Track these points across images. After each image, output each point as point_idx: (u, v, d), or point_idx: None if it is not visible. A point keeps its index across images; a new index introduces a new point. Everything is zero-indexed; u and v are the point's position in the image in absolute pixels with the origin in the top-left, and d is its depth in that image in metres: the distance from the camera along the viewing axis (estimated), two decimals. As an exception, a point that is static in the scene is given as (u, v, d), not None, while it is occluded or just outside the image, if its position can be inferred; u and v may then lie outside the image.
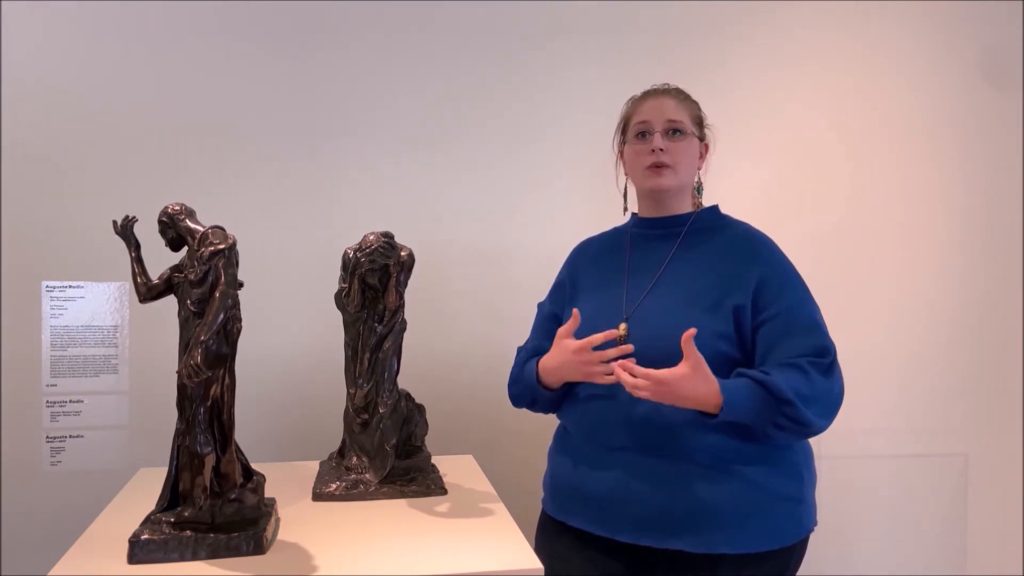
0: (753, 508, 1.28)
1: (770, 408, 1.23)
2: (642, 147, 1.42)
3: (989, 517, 2.36)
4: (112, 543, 1.20)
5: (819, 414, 1.25)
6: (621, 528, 1.32)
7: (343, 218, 1.98)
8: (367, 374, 1.51)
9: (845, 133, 2.26)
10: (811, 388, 1.24)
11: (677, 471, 1.29)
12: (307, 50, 1.98)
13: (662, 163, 1.40)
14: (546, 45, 2.10)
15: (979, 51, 2.31)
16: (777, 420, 1.23)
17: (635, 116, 1.45)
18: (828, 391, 1.27)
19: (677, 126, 1.40)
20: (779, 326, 1.30)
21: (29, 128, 1.84)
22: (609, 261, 1.50)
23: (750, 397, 1.23)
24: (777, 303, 1.31)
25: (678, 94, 1.45)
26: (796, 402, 1.21)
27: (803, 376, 1.24)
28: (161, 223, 1.24)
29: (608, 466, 1.34)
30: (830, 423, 1.29)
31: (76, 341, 1.83)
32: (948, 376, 2.33)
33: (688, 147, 1.42)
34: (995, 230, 2.34)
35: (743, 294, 1.32)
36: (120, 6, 1.88)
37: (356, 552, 1.20)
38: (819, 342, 1.29)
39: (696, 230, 1.44)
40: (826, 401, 1.27)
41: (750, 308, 1.31)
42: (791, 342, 1.29)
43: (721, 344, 1.31)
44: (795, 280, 1.36)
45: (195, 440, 1.18)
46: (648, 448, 1.31)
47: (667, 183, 1.41)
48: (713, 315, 1.32)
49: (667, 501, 1.29)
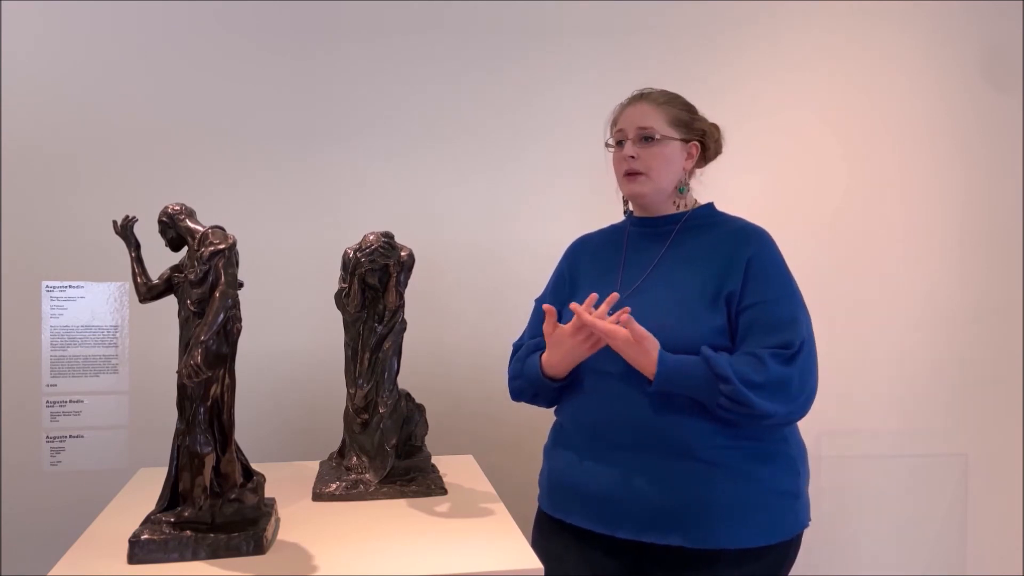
0: (752, 503, 1.29)
1: (708, 383, 1.25)
2: (619, 154, 1.45)
3: (989, 517, 2.36)
4: (112, 543, 1.20)
5: (768, 398, 1.24)
6: (621, 525, 1.33)
7: (343, 218, 1.98)
8: (367, 374, 1.51)
9: (845, 133, 2.26)
10: (763, 375, 1.24)
11: (676, 468, 1.30)
12: (308, 50, 1.98)
13: (635, 170, 1.41)
14: (547, 46, 2.10)
15: (979, 51, 2.31)
16: (718, 398, 1.25)
17: (614, 124, 1.47)
18: (783, 378, 1.25)
19: (647, 132, 1.41)
20: (754, 317, 1.30)
21: (29, 128, 1.84)
22: (606, 258, 1.51)
23: (690, 371, 1.26)
24: (759, 292, 1.32)
25: (658, 97, 1.45)
26: (733, 379, 1.22)
27: (755, 362, 1.25)
28: (161, 223, 1.24)
29: (607, 463, 1.35)
30: (792, 411, 1.29)
31: (76, 341, 1.83)
32: (948, 376, 2.33)
33: (662, 152, 1.41)
34: (995, 230, 2.35)
35: (734, 280, 1.33)
36: (120, 6, 1.88)
37: (356, 552, 1.20)
38: (788, 337, 1.28)
39: (689, 228, 1.44)
40: (780, 388, 1.25)
41: (738, 293, 1.32)
42: (761, 336, 1.29)
43: (719, 339, 1.31)
44: (781, 273, 1.36)
45: (195, 440, 1.18)
46: (647, 445, 1.32)
47: (640, 189, 1.42)
48: (711, 310, 1.32)
49: (667, 497, 1.29)
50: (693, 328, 1.31)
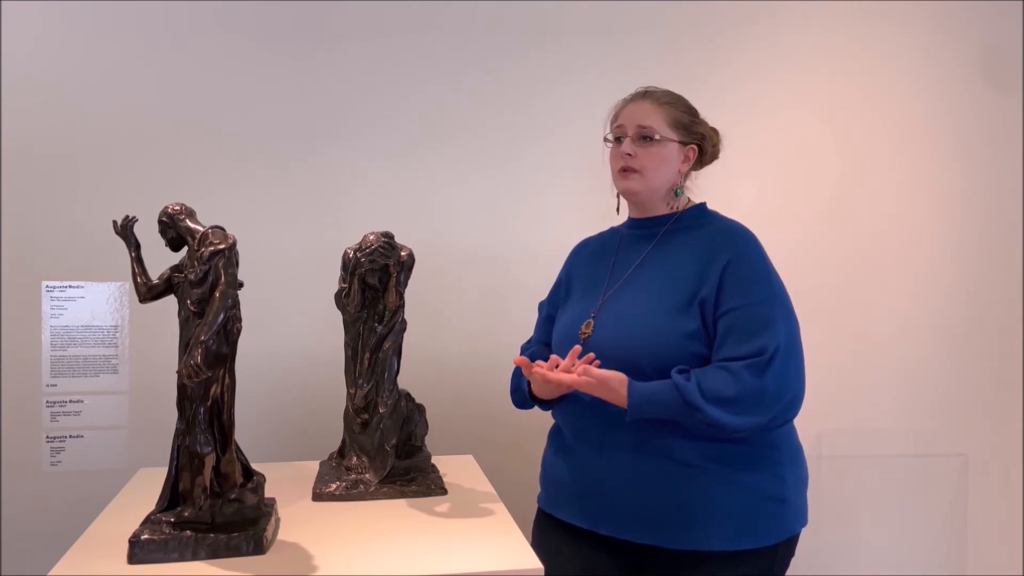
0: (734, 507, 1.30)
1: (681, 411, 1.25)
2: (616, 151, 1.45)
3: (989, 517, 2.36)
4: (112, 543, 1.19)
5: (742, 412, 1.24)
6: (603, 521, 1.35)
7: (343, 218, 1.98)
8: (367, 374, 1.51)
9: (845, 133, 2.26)
10: (734, 388, 1.24)
11: (660, 469, 1.31)
12: (308, 50, 1.98)
13: (630, 167, 1.41)
14: (547, 46, 2.10)
15: (979, 51, 2.31)
16: (691, 423, 1.26)
17: (615, 120, 1.47)
18: (756, 389, 1.25)
19: (646, 132, 1.41)
20: (731, 323, 1.29)
21: (29, 128, 1.84)
22: (599, 261, 1.52)
23: (661, 400, 1.26)
24: (736, 298, 1.30)
25: (661, 97, 1.44)
26: (703, 406, 1.23)
27: (727, 376, 1.25)
28: (161, 223, 1.23)
29: (594, 462, 1.37)
30: (774, 418, 1.28)
31: (76, 341, 1.83)
32: (948, 376, 2.33)
33: (659, 152, 1.41)
34: (995, 230, 2.34)
35: (709, 286, 1.31)
36: (120, 6, 1.88)
37: (356, 552, 1.20)
38: (763, 342, 1.26)
39: (677, 229, 1.44)
40: (755, 400, 1.25)
41: (713, 300, 1.31)
42: (736, 343, 1.28)
43: (692, 344, 1.31)
44: (759, 276, 1.33)
45: (195, 440, 1.18)
46: (632, 446, 1.33)
47: (634, 187, 1.42)
48: (682, 315, 1.32)
49: (649, 498, 1.31)
50: (662, 334, 1.32)
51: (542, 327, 1.60)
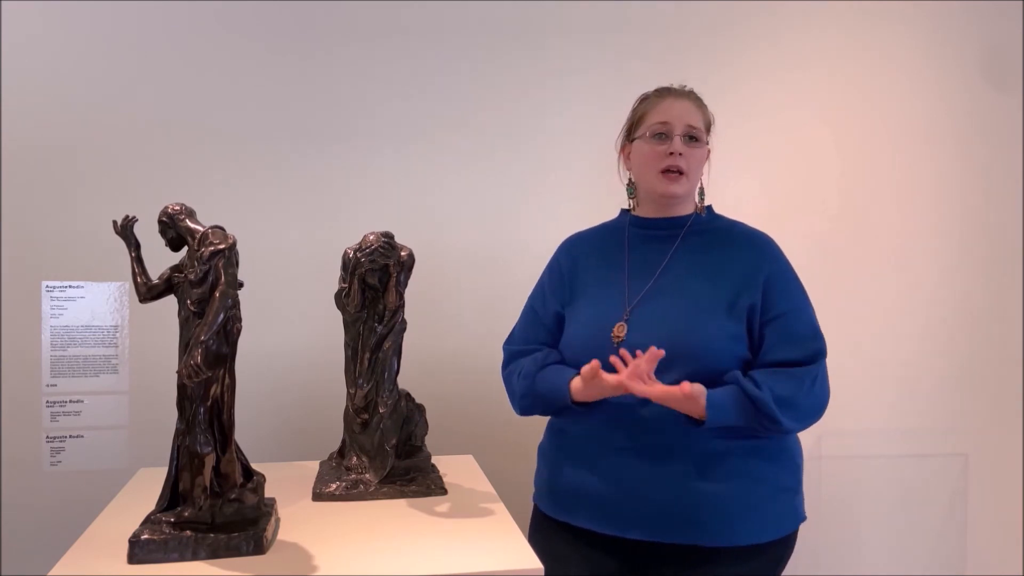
0: (755, 500, 1.31)
1: (755, 419, 1.28)
2: (659, 149, 1.39)
3: (989, 517, 2.36)
4: (112, 543, 1.19)
5: (795, 419, 1.30)
6: (630, 526, 1.33)
7: (343, 218, 1.98)
8: (367, 374, 1.51)
9: (845, 133, 2.26)
10: (799, 398, 1.29)
11: (679, 468, 1.30)
12: (307, 50, 1.98)
13: (678, 168, 1.38)
14: (546, 45, 2.10)
15: (979, 51, 2.31)
16: (757, 428, 1.29)
17: (653, 115, 1.41)
18: (813, 403, 1.32)
19: (695, 133, 1.40)
20: (782, 328, 1.33)
21: (29, 128, 1.84)
22: (608, 260, 1.48)
23: (737, 412, 1.27)
24: (781, 303, 1.34)
25: (696, 99, 1.45)
26: (781, 419, 1.26)
27: (795, 385, 1.29)
28: (161, 223, 1.23)
29: (611, 465, 1.35)
30: (803, 429, 1.35)
31: (76, 341, 1.83)
32: (948, 376, 2.33)
33: (701, 154, 1.42)
34: (995, 230, 2.34)
35: (754, 292, 1.34)
36: (120, 6, 1.88)
37: (356, 552, 1.20)
38: (817, 347, 1.33)
39: (695, 231, 1.44)
40: (808, 411, 1.32)
41: (760, 306, 1.34)
42: (791, 346, 1.32)
43: (738, 347, 1.33)
44: (797, 282, 1.40)
45: (195, 440, 1.18)
46: (650, 446, 1.32)
47: (680, 190, 1.41)
48: (729, 318, 1.33)
49: (671, 497, 1.30)
50: (707, 335, 1.32)
51: (542, 327, 1.51)
